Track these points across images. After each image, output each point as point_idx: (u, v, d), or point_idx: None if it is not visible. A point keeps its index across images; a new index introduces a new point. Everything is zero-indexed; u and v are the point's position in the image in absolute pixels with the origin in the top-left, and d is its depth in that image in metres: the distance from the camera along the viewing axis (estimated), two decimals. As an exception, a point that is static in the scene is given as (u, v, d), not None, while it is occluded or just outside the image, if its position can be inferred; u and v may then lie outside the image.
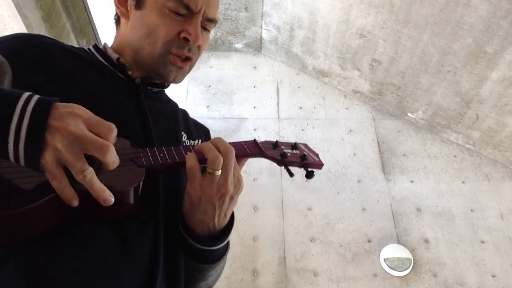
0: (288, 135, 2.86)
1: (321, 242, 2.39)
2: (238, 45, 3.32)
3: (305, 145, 0.77)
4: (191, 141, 0.79)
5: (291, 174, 0.67)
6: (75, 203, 0.46)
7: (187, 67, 0.73)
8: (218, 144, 0.59)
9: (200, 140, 0.82)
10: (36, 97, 0.45)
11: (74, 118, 0.45)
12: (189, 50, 0.70)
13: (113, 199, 0.47)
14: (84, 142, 0.44)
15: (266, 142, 0.71)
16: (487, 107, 2.50)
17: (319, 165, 0.71)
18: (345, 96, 3.10)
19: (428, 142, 2.84)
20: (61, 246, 0.49)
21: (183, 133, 0.77)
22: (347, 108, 3.03)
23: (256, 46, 3.32)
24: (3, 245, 0.46)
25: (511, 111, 2.42)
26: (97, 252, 0.52)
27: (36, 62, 0.60)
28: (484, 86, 2.42)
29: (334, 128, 2.91)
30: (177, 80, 0.74)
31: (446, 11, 2.23)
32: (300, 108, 3.02)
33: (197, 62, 0.78)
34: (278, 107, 3.02)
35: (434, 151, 2.79)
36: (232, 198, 0.61)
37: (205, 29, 0.73)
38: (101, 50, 0.74)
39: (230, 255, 0.72)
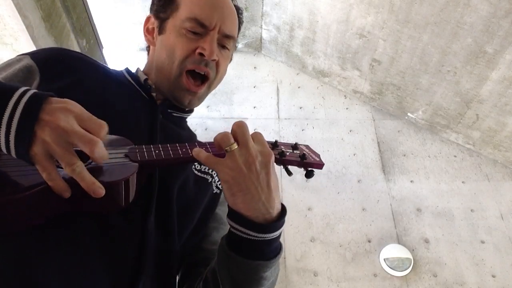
0: (288, 135, 2.86)
1: (321, 242, 2.39)
2: (238, 45, 3.32)
3: (307, 146, 0.76)
4: (202, 166, 0.78)
5: (289, 173, 0.66)
6: (67, 194, 0.47)
7: (201, 91, 0.75)
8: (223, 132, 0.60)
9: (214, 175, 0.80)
10: (31, 91, 0.47)
11: (65, 113, 0.46)
12: (205, 65, 0.72)
13: (103, 192, 0.47)
14: (72, 136, 0.45)
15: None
16: (487, 107, 2.50)
17: (320, 165, 0.70)
18: (345, 96, 3.10)
19: (428, 142, 2.84)
20: (45, 243, 0.50)
21: (196, 163, 0.75)
22: (347, 108, 3.03)
23: (256, 46, 3.32)
24: None
25: (511, 111, 2.42)
26: (81, 249, 0.52)
27: (63, 71, 0.64)
28: (484, 86, 2.42)
29: (334, 128, 2.91)
30: (192, 105, 0.77)
31: (446, 11, 2.23)
32: (300, 108, 3.02)
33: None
34: (278, 107, 3.02)
35: (434, 151, 2.79)
36: (265, 166, 0.58)
37: (223, 47, 0.75)
38: (132, 72, 0.79)
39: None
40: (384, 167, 2.71)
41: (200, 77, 0.75)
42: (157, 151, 0.58)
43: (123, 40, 3.22)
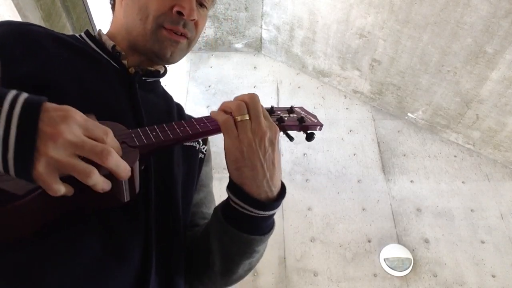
0: (288, 135, 2.86)
1: (321, 242, 2.39)
2: (238, 45, 3.32)
3: (301, 108, 0.73)
4: (191, 143, 0.75)
5: (291, 138, 0.64)
6: (70, 195, 0.44)
7: (184, 43, 0.69)
8: (238, 96, 0.58)
9: None
10: (22, 98, 0.40)
11: (68, 123, 0.41)
12: (184, 26, 0.66)
13: (110, 185, 0.44)
14: (81, 149, 0.41)
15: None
16: (487, 107, 2.50)
17: (318, 126, 0.68)
18: (345, 96, 3.10)
19: (428, 142, 2.84)
20: (50, 247, 0.47)
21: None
22: (347, 108, 3.03)
23: (256, 46, 3.32)
24: None
25: (511, 111, 2.42)
26: (86, 254, 0.50)
27: (27, 53, 0.57)
28: (484, 86, 2.42)
29: (334, 128, 2.91)
30: (175, 57, 0.69)
31: (446, 11, 2.23)
32: (300, 108, 3.02)
33: (197, 62, 0.76)
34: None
35: (434, 151, 2.79)
36: (272, 143, 0.57)
37: (201, 5, 0.70)
38: (95, 37, 0.70)
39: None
40: (384, 167, 2.72)
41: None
42: (154, 133, 0.54)
43: (123, 40, 3.22)
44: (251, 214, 0.58)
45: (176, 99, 0.82)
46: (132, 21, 0.67)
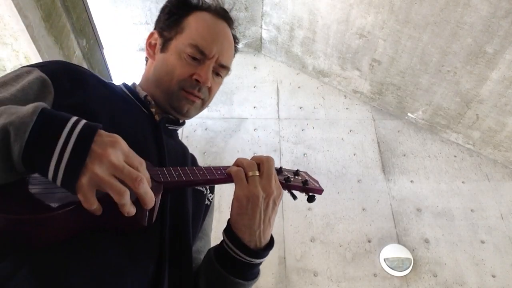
0: (288, 135, 2.86)
1: (321, 242, 2.39)
2: (238, 45, 3.32)
3: (306, 173, 0.83)
4: (200, 187, 0.84)
5: (294, 197, 0.74)
6: (99, 213, 0.49)
7: (198, 103, 0.82)
8: (256, 156, 0.68)
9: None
10: (83, 121, 0.48)
11: (115, 149, 0.48)
12: (199, 90, 0.79)
13: (135, 210, 0.49)
14: (120, 172, 0.47)
15: None
16: (487, 107, 2.50)
17: (320, 191, 0.78)
18: (345, 96, 3.10)
19: (428, 142, 2.84)
20: (73, 252, 0.52)
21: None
22: (347, 108, 3.03)
23: (256, 46, 3.32)
24: (24, 248, 0.49)
25: (511, 111, 2.42)
26: (106, 257, 0.55)
27: (74, 88, 0.66)
28: (484, 86, 2.42)
29: (334, 128, 2.91)
30: (190, 113, 0.83)
31: (446, 11, 2.23)
32: (300, 108, 3.02)
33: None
34: (278, 107, 3.02)
35: (434, 151, 2.79)
36: (275, 203, 0.66)
37: (217, 74, 0.83)
38: (130, 87, 0.83)
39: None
40: (384, 167, 2.72)
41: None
42: (177, 173, 0.63)
43: (123, 40, 3.22)
44: (239, 259, 0.67)
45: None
46: (160, 80, 0.80)
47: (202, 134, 2.85)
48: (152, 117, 0.79)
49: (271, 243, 0.70)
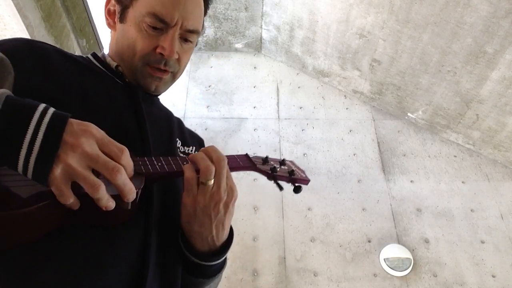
0: (288, 135, 2.86)
1: (321, 242, 2.39)
2: (238, 45, 3.32)
3: (292, 162, 0.80)
4: (185, 147, 0.80)
5: (280, 188, 0.70)
6: (76, 207, 0.47)
7: (167, 77, 0.74)
8: (211, 153, 0.61)
9: (194, 148, 0.83)
10: (51, 110, 0.45)
11: (88, 137, 0.46)
12: (165, 64, 0.71)
13: (114, 205, 0.47)
14: (96, 162, 0.45)
15: (257, 157, 0.74)
16: (487, 107, 2.50)
17: (306, 181, 0.75)
18: (345, 96, 3.10)
19: (428, 142, 2.84)
20: (48, 248, 0.49)
21: (177, 139, 0.78)
22: (347, 108, 3.03)
23: (256, 46, 3.32)
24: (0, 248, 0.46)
25: (511, 111, 2.42)
26: (83, 251, 0.52)
27: (37, 67, 0.60)
28: (484, 86, 2.42)
29: (334, 128, 2.91)
30: (159, 90, 0.75)
31: (446, 11, 2.23)
32: (300, 108, 3.02)
33: (197, 62, 0.78)
34: (278, 107, 3.02)
35: (434, 151, 2.79)
36: (227, 207, 0.62)
37: (186, 40, 0.72)
38: (100, 58, 0.76)
39: (230, 255, 0.73)
40: (384, 167, 2.72)
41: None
42: (159, 164, 0.59)
43: (123, 40, 3.22)
44: (196, 262, 0.66)
45: (176, 99, 0.85)
46: (122, 55, 0.72)
47: (202, 134, 2.84)
48: (128, 86, 0.72)
49: (228, 243, 0.68)
